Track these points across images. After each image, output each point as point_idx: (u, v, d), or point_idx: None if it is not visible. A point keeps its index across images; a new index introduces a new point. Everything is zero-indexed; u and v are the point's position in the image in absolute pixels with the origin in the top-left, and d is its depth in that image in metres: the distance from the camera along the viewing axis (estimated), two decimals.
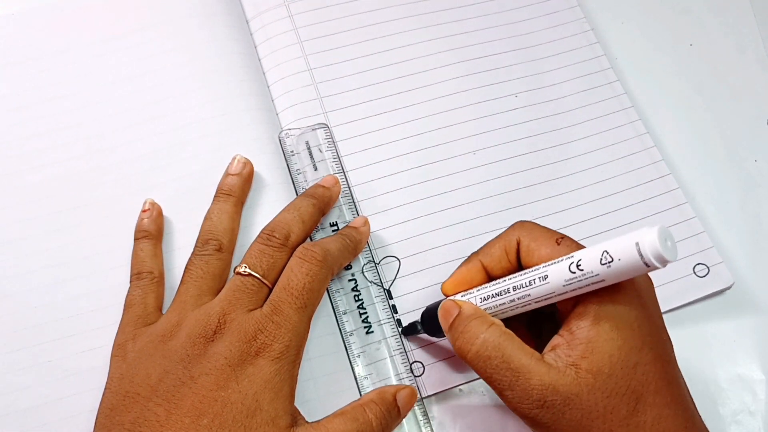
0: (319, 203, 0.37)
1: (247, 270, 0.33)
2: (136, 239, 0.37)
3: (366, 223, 0.38)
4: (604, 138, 0.43)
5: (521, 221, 0.33)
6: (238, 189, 0.38)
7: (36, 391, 0.34)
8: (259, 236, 0.35)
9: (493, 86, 0.44)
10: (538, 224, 0.32)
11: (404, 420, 0.35)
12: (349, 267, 0.38)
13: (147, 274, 0.35)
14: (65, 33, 0.43)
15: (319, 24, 0.45)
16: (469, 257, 0.34)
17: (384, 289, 0.38)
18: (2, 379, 0.35)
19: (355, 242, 0.37)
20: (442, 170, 0.41)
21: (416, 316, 0.37)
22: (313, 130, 0.41)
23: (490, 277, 0.33)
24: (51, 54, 0.42)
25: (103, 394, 0.32)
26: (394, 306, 0.38)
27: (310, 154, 0.41)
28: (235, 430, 0.29)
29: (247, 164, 0.39)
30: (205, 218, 0.37)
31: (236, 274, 0.33)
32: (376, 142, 0.42)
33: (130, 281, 0.36)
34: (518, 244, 0.32)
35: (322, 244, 0.35)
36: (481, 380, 0.36)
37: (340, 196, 0.39)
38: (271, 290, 0.33)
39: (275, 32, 0.44)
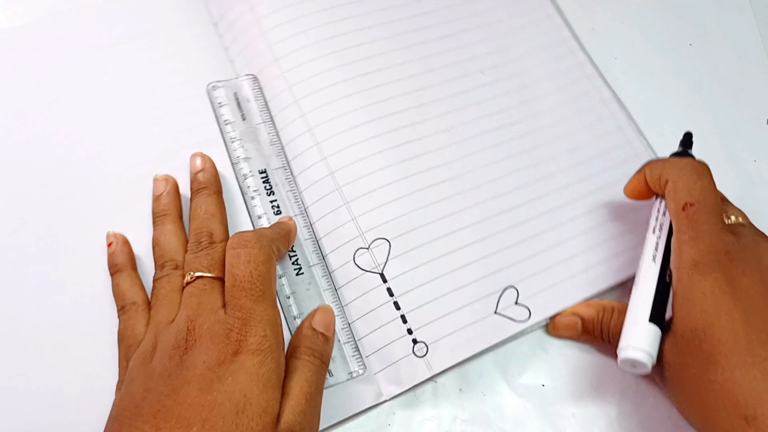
0: (209, 188, 0.38)
1: (193, 275, 0.33)
2: (111, 274, 0.37)
3: (291, 219, 0.38)
4: (573, 111, 0.44)
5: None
6: (171, 207, 0.38)
7: (35, 396, 0.34)
8: (186, 250, 0.35)
9: (460, 64, 0.45)
10: None
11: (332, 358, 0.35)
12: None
13: (130, 305, 0.35)
14: (59, 45, 0.43)
15: (282, 10, 0.44)
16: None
17: (316, 239, 0.39)
18: (2, 380, 0.34)
19: (285, 230, 0.37)
20: (421, 149, 0.41)
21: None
22: (241, 81, 0.42)
23: None
24: (47, 67, 0.42)
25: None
26: (389, 289, 0.37)
27: (239, 104, 0.41)
28: (226, 430, 0.28)
29: (168, 179, 0.39)
30: (153, 245, 0.37)
31: (186, 285, 0.33)
32: (353, 123, 0.41)
33: (118, 317, 0.35)
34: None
35: (252, 230, 0.35)
36: (484, 377, 0.36)
37: (280, 158, 0.40)
38: (223, 281, 0.33)
39: (240, 28, 0.44)
